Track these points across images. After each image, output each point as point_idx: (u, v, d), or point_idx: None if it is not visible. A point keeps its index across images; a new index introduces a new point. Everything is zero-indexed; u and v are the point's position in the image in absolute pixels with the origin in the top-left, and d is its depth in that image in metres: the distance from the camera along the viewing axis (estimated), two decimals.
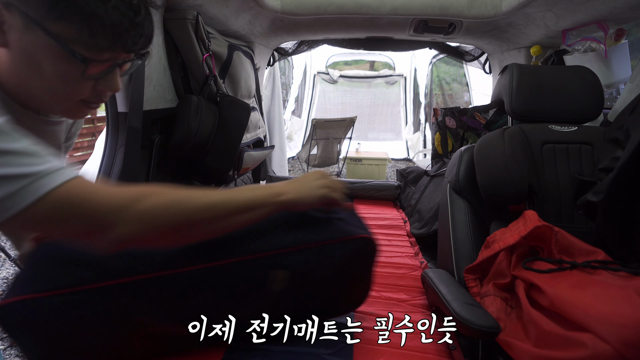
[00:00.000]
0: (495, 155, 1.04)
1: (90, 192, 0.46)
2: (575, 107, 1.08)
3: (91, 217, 0.46)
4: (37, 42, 0.45)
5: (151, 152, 1.31)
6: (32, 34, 0.45)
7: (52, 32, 0.45)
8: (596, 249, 0.81)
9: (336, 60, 5.53)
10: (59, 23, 0.45)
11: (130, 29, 0.48)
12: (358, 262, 0.81)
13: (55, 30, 0.45)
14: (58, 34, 0.45)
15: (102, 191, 0.48)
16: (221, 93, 1.48)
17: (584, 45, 1.44)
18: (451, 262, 1.04)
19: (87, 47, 0.47)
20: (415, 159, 4.58)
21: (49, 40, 0.45)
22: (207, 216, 0.54)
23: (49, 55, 0.46)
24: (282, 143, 2.93)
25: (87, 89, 0.51)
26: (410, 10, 1.71)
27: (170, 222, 0.51)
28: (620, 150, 0.85)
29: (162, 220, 0.50)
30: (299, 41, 2.40)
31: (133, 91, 1.11)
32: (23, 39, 0.45)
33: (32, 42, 0.45)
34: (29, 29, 0.45)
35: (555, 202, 0.98)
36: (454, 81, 4.51)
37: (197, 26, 1.33)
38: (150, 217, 0.49)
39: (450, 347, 0.86)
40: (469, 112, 2.15)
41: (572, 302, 0.66)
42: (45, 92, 0.49)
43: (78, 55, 0.46)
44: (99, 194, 0.47)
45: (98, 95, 0.53)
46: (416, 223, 1.80)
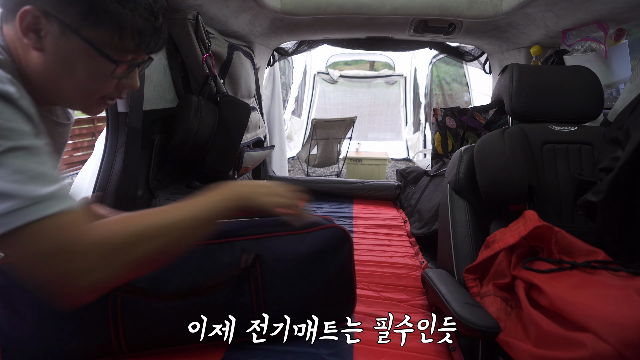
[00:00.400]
0: (495, 155, 1.04)
1: (79, 233, 0.44)
2: (575, 107, 1.08)
3: (70, 261, 0.42)
4: (72, 46, 0.50)
5: (151, 152, 1.31)
6: (68, 39, 0.50)
7: (87, 38, 0.50)
8: (596, 249, 0.81)
9: (336, 60, 5.53)
10: (93, 29, 0.50)
11: (153, 33, 0.55)
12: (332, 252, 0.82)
13: (89, 36, 0.50)
14: (92, 39, 0.50)
15: (91, 232, 0.45)
16: (221, 93, 1.48)
17: (584, 45, 1.44)
18: (451, 262, 1.04)
19: (116, 50, 0.53)
20: (415, 159, 4.58)
21: (83, 45, 0.50)
22: (173, 237, 0.53)
23: (83, 57, 0.51)
24: (282, 143, 2.93)
25: (111, 86, 0.57)
26: (410, 10, 1.71)
27: (145, 255, 0.49)
28: (620, 150, 0.85)
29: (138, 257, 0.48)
30: (299, 41, 2.40)
31: (133, 91, 1.11)
32: (59, 43, 0.50)
33: (67, 46, 0.50)
34: (65, 35, 0.49)
35: (555, 202, 0.98)
36: (454, 81, 4.51)
37: (197, 26, 1.33)
38: (133, 261, 0.48)
39: (450, 348, 0.86)
40: (469, 112, 2.15)
41: (572, 302, 0.66)
42: (75, 90, 0.55)
43: (109, 57, 0.52)
44: (88, 235, 0.45)
45: (118, 92, 0.59)
46: (416, 223, 1.80)
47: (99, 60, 0.52)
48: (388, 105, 5.67)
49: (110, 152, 1.16)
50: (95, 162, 1.20)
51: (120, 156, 1.14)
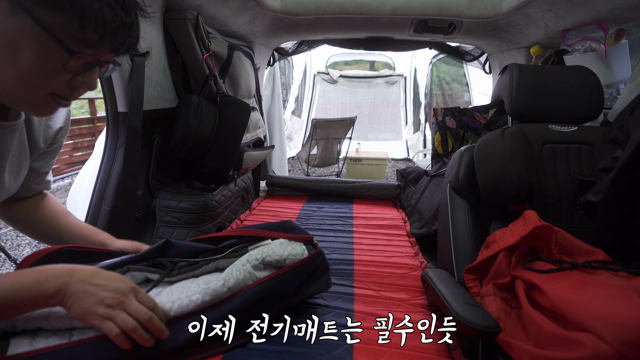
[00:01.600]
0: (495, 155, 1.04)
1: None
2: (575, 107, 1.08)
3: None
4: (20, 27, 0.44)
5: (151, 152, 1.31)
6: (17, 18, 0.43)
7: (41, 20, 0.43)
8: (596, 249, 0.81)
9: (336, 60, 5.54)
10: (49, 11, 0.43)
11: (120, 29, 0.48)
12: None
13: (44, 18, 0.44)
14: (46, 22, 0.44)
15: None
16: (221, 93, 1.48)
17: (584, 45, 1.44)
18: (451, 262, 1.04)
19: (73, 39, 0.46)
20: (415, 159, 4.58)
21: (34, 27, 0.44)
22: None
23: (32, 42, 0.44)
24: (282, 143, 2.93)
25: (62, 82, 0.50)
26: (410, 10, 1.72)
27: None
28: (620, 150, 0.85)
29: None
30: (299, 41, 2.40)
31: (133, 91, 1.11)
32: (5, 22, 0.43)
33: (14, 27, 0.44)
34: (14, 14, 0.43)
35: (555, 202, 0.98)
36: (454, 81, 4.51)
37: (197, 26, 1.33)
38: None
39: (450, 347, 0.86)
40: (469, 112, 2.15)
41: (572, 302, 0.66)
42: (17, 80, 0.47)
43: (64, 46, 0.45)
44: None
45: (71, 91, 0.51)
46: (416, 223, 1.80)
47: (51, 48, 0.45)
48: (388, 105, 5.68)
49: (110, 152, 1.16)
50: (95, 162, 1.20)
51: (120, 156, 1.14)
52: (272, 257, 0.81)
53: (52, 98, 0.51)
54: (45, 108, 0.53)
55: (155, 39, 1.22)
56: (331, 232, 1.59)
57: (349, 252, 1.39)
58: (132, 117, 1.12)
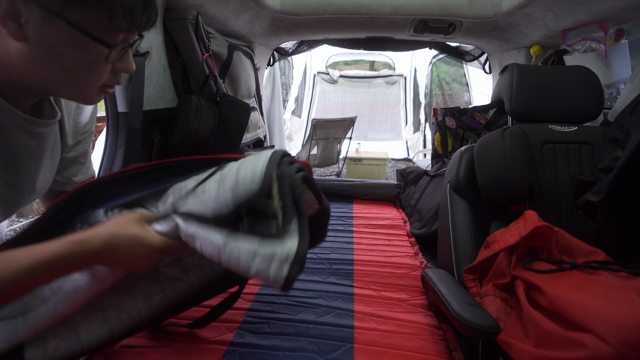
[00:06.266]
0: (495, 155, 1.04)
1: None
2: (575, 107, 1.08)
3: None
4: (58, 33, 0.45)
5: (151, 152, 1.31)
6: (52, 25, 0.45)
7: (74, 21, 0.45)
8: (596, 249, 0.81)
9: (336, 60, 5.53)
10: (79, 12, 0.45)
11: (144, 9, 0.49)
12: None
13: (76, 19, 0.45)
14: (80, 22, 0.45)
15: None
16: (221, 93, 1.48)
17: (584, 45, 1.44)
18: (451, 262, 1.04)
19: (107, 32, 0.47)
20: (415, 159, 4.58)
21: (71, 30, 0.45)
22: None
23: (70, 45, 0.46)
24: (282, 143, 2.93)
25: (107, 73, 0.52)
26: (410, 10, 1.71)
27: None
28: (620, 150, 0.85)
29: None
30: (299, 41, 2.40)
31: (133, 91, 1.11)
32: (43, 31, 0.45)
33: (52, 34, 0.45)
34: (48, 21, 0.44)
35: (555, 202, 0.98)
36: (454, 81, 4.51)
37: (197, 26, 1.33)
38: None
39: (451, 348, 0.86)
40: (469, 112, 2.15)
41: (572, 302, 0.66)
42: (69, 82, 0.50)
43: (102, 42, 0.47)
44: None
45: (115, 78, 0.55)
46: (416, 223, 1.80)
47: (91, 46, 0.47)
48: (388, 105, 5.68)
49: (110, 152, 1.16)
50: (95, 162, 1.20)
51: (120, 156, 1.14)
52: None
53: (100, 89, 0.54)
54: (96, 97, 0.56)
55: (155, 39, 1.22)
56: (331, 232, 1.59)
57: (348, 252, 1.39)
58: (132, 117, 1.12)
